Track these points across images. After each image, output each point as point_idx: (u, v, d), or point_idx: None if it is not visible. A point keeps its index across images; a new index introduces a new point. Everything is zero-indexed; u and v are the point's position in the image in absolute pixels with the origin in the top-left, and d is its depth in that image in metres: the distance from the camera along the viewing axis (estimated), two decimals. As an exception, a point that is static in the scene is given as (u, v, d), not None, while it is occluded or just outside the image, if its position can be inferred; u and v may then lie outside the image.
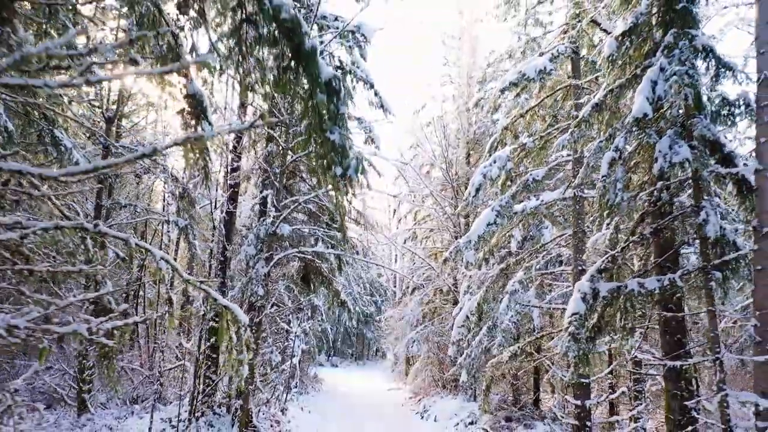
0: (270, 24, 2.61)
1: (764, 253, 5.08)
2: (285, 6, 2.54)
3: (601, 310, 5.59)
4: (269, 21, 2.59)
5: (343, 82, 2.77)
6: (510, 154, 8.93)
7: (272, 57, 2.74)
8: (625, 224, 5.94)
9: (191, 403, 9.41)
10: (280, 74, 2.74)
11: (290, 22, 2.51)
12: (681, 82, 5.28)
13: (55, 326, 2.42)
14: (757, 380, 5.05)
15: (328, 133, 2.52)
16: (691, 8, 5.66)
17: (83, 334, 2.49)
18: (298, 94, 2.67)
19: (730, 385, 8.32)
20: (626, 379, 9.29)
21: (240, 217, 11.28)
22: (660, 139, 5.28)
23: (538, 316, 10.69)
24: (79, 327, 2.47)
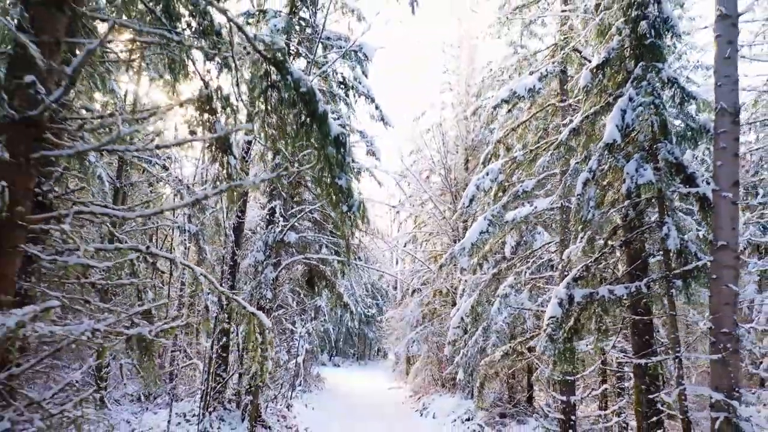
0: (291, 91, 3.35)
1: (719, 264, 5.81)
2: (303, 80, 3.29)
3: (577, 314, 6.33)
4: (291, 89, 3.34)
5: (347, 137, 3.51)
6: (501, 166, 9.67)
7: (292, 115, 3.49)
8: (600, 236, 6.67)
9: (204, 399, 10.18)
10: (298, 129, 3.48)
11: (307, 93, 3.26)
12: (648, 111, 6.02)
13: (125, 330, 3.17)
14: (712, 376, 5.79)
15: (337, 179, 3.26)
16: (658, 43, 6.39)
17: (145, 335, 3.24)
18: (313, 145, 3.42)
19: (703, 382, 9.07)
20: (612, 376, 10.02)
21: (246, 221, 12.03)
22: (627, 162, 6.02)
23: (530, 318, 11.43)
24: (143, 330, 3.21)
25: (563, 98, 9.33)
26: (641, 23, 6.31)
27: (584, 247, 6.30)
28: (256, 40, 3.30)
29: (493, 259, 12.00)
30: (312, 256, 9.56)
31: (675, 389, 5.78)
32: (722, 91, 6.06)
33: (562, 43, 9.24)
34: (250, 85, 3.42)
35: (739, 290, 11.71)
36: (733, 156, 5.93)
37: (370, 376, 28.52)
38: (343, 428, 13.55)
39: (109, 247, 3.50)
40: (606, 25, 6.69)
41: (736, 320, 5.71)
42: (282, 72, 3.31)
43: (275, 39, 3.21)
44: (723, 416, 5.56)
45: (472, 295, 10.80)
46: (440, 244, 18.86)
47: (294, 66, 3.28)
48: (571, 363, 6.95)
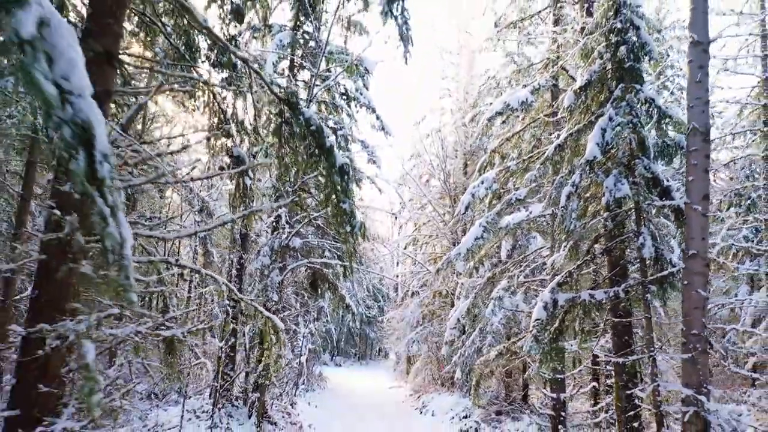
0: (302, 127, 3.96)
1: (690, 271, 6.40)
2: (313, 118, 3.89)
3: (561, 317, 6.93)
4: (302, 126, 3.94)
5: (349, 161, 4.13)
6: (496, 175, 10.27)
7: (302, 147, 4.09)
8: (583, 244, 7.26)
9: (213, 396, 10.80)
10: (308, 158, 4.09)
11: (317, 130, 3.86)
12: (626, 130, 6.62)
13: (163, 332, 3.77)
14: (683, 374, 6.38)
15: (341, 203, 3.86)
16: (637, 66, 6.98)
17: (179, 336, 3.84)
18: (321, 173, 4.03)
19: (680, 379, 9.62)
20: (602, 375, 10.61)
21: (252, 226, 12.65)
22: (607, 177, 6.61)
23: (524, 319, 12.03)
24: (176, 331, 3.81)
25: (555, 111, 9.91)
26: (621, 48, 6.91)
27: (567, 255, 6.89)
28: (273, 85, 3.91)
29: (490, 262, 12.59)
30: (316, 260, 10.18)
31: (649, 386, 6.38)
32: (694, 112, 6.65)
33: (553, 57, 9.82)
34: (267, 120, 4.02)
35: (734, 291, 12.29)
36: (703, 172, 6.52)
37: (372, 375, 29.14)
38: (344, 426, 14.16)
39: (143, 260, 4.11)
40: (589, 48, 7.29)
41: (704, 323, 6.30)
42: (295, 112, 3.92)
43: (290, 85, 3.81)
44: (692, 410, 6.15)
45: (468, 297, 11.41)
46: (440, 246, 19.47)
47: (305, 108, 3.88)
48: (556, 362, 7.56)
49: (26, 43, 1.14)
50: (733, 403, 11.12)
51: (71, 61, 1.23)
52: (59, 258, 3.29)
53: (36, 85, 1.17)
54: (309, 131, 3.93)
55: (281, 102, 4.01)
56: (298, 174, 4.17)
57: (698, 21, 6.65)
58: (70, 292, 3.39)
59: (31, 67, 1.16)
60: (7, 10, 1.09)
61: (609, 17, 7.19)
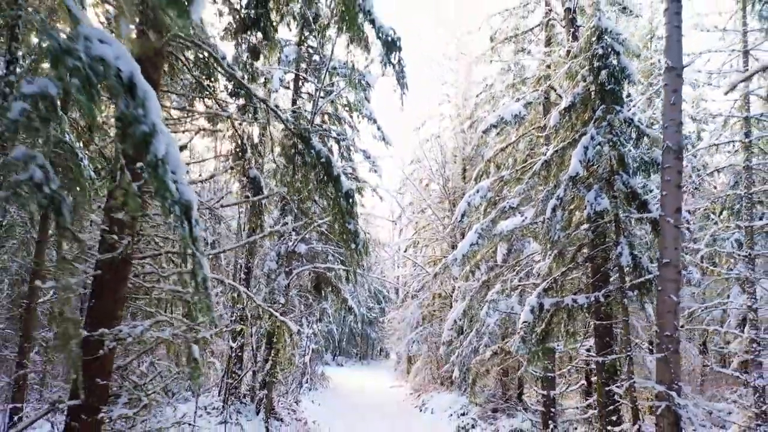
0: (313, 158, 4.65)
1: (663, 278, 7.08)
2: (323, 151, 4.58)
3: (548, 320, 7.62)
4: (313, 157, 4.63)
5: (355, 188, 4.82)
6: (491, 184, 10.94)
7: (313, 174, 4.78)
8: (567, 252, 7.94)
9: (222, 393, 11.51)
10: (317, 184, 4.78)
11: (326, 161, 4.55)
12: (606, 148, 7.30)
13: (192, 334, 4.46)
14: (656, 372, 7.06)
15: (347, 224, 4.54)
16: (617, 89, 7.66)
17: (206, 338, 4.53)
18: (329, 197, 4.72)
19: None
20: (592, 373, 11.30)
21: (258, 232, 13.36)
22: (588, 192, 7.30)
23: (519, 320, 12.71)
24: (206, 334, 4.49)
25: (546, 124, 10.59)
26: (602, 72, 7.59)
27: (553, 263, 7.58)
28: (287, 121, 4.59)
29: (486, 266, 13.28)
30: (320, 265, 10.87)
31: (626, 383, 7.07)
32: (668, 132, 7.32)
33: (544, 74, 10.49)
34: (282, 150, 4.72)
35: (727, 293, 12.92)
36: (676, 187, 7.20)
37: (373, 375, 29.85)
38: (347, 424, 14.87)
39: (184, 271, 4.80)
40: (573, 72, 7.96)
41: (676, 325, 6.98)
42: (306, 144, 4.61)
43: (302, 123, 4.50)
44: (664, 404, 6.84)
45: (464, 300, 12.09)
46: (439, 249, 20.15)
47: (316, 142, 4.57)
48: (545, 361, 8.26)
49: (160, 162, 1.81)
50: (724, 401, 11.81)
51: (178, 161, 1.89)
52: (113, 274, 3.99)
53: (165, 184, 1.84)
54: (319, 161, 4.62)
55: (294, 135, 4.70)
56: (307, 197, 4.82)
57: (672, 48, 7.32)
58: (122, 303, 4.09)
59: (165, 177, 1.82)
60: (147, 142, 1.75)
61: (592, 42, 7.86)
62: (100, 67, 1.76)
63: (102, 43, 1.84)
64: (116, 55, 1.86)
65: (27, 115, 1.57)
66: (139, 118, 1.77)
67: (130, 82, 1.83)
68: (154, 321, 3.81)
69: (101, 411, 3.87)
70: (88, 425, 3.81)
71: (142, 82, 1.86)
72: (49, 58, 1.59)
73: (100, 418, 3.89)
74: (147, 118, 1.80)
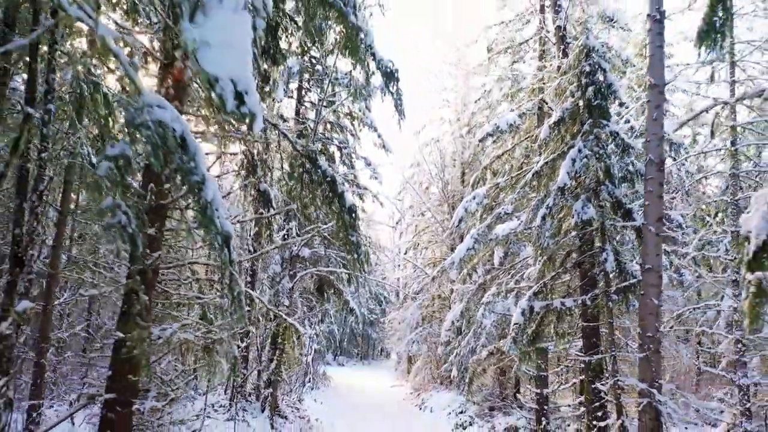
0: (319, 176, 5.19)
1: (646, 283, 7.60)
2: (328, 170, 5.12)
3: (538, 321, 8.16)
4: (319, 176, 5.17)
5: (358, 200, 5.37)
6: (486, 191, 11.47)
7: (319, 191, 5.32)
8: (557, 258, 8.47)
9: (227, 392, 12.06)
10: (323, 200, 5.32)
11: (332, 179, 5.09)
12: (592, 161, 7.84)
13: (212, 335, 5.01)
14: (639, 370, 7.59)
15: (350, 236, 5.08)
16: (603, 104, 8.19)
17: (225, 339, 5.07)
18: (333, 212, 5.26)
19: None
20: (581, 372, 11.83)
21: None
22: (576, 201, 7.83)
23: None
24: (224, 335, 5.03)
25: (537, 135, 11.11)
26: (589, 89, 8.11)
27: (543, 268, 8.11)
28: (297, 144, 5.13)
29: (483, 268, 13.81)
30: (323, 269, 11.42)
31: (610, 381, 7.60)
32: (651, 146, 7.84)
33: (538, 86, 11.02)
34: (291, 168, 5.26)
35: (721, 296, 13.44)
36: (658, 197, 7.72)
37: (374, 375, 30.40)
38: (348, 422, 15.42)
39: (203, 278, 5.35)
40: (563, 88, 8.50)
41: (657, 327, 7.51)
42: (314, 164, 5.15)
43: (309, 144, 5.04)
44: (646, 401, 7.37)
45: (462, 302, 12.63)
46: (439, 251, 20.70)
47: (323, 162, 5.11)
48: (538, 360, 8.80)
49: (209, 204, 2.34)
50: (718, 400, 12.33)
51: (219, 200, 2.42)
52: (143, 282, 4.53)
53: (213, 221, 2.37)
54: (325, 180, 5.16)
55: (302, 156, 5.24)
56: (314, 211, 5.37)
57: (655, 66, 7.83)
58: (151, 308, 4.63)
59: (213, 215, 2.35)
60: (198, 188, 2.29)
61: (580, 60, 8.39)
62: (160, 129, 2.29)
63: (160, 108, 2.37)
64: (171, 117, 2.39)
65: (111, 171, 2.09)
66: (192, 169, 2.30)
67: (182, 140, 2.35)
68: (180, 324, 4.36)
69: (134, 404, 4.41)
70: (123, 416, 4.35)
71: (192, 139, 2.39)
72: (127, 128, 2.11)
73: (133, 410, 4.43)
74: (198, 170, 2.32)
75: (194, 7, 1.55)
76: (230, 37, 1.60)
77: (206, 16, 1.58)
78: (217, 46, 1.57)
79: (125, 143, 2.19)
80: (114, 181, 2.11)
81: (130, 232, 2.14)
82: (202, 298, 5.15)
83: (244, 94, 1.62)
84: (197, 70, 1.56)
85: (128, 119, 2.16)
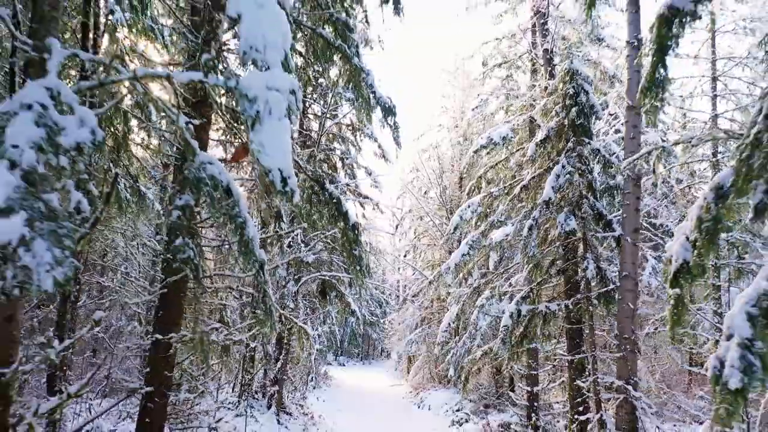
0: (327, 198, 5.99)
1: (623, 288, 8.40)
2: (335, 193, 5.91)
3: (526, 324, 8.95)
4: (327, 197, 5.97)
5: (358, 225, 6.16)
6: (481, 200, 12.26)
7: (326, 210, 6.12)
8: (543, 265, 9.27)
9: (235, 389, 12.87)
10: (329, 218, 6.12)
11: (337, 201, 5.88)
12: (575, 176, 8.63)
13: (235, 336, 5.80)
14: (617, 369, 8.39)
15: (353, 250, 5.87)
16: (586, 124, 8.97)
17: (243, 339, 5.85)
18: (340, 229, 6.05)
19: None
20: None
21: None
22: (559, 214, 8.62)
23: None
24: (243, 336, 5.82)
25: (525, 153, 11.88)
26: (572, 109, 8.90)
27: (529, 275, 8.91)
28: (306, 170, 5.92)
29: (479, 272, 14.60)
30: (326, 273, 12.20)
31: (590, 378, 8.40)
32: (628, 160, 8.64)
33: (529, 102, 11.81)
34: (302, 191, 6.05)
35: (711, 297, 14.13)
36: (634, 210, 8.52)
37: (374, 374, 31.21)
38: (349, 418, 16.22)
39: (221, 286, 6.15)
40: (548, 108, 9.29)
41: (633, 329, 8.30)
42: (322, 187, 5.95)
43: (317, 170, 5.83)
44: (622, 396, 8.17)
45: (457, 304, 13.43)
46: (438, 253, 21.49)
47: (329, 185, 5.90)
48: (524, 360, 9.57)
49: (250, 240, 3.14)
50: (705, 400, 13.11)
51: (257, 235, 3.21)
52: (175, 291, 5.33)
53: (253, 253, 3.16)
54: (331, 201, 5.96)
55: (311, 180, 6.03)
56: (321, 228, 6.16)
57: (632, 89, 8.62)
58: (182, 313, 5.44)
59: (253, 249, 3.15)
60: (242, 228, 3.10)
61: (565, 82, 9.17)
62: (213, 182, 3.08)
63: (210, 164, 3.16)
64: (219, 171, 3.18)
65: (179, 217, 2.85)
66: (237, 213, 3.07)
67: (228, 189, 3.13)
68: (210, 327, 5.16)
69: (169, 396, 5.22)
70: (161, 406, 5.16)
71: (235, 188, 3.16)
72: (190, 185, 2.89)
73: (168, 401, 5.23)
74: (241, 213, 3.09)
75: (254, 120, 2.33)
76: (277, 138, 2.36)
77: (261, 125, 2.35)
78: (269, 146, 2.34)
79: (189, 195, 2.97)
80: (182, 226, 2.88)
81: (195, 263, 2.92)
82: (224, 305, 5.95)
83: (288, 178, 2.37)
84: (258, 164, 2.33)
85: (191, 177, 2.96)
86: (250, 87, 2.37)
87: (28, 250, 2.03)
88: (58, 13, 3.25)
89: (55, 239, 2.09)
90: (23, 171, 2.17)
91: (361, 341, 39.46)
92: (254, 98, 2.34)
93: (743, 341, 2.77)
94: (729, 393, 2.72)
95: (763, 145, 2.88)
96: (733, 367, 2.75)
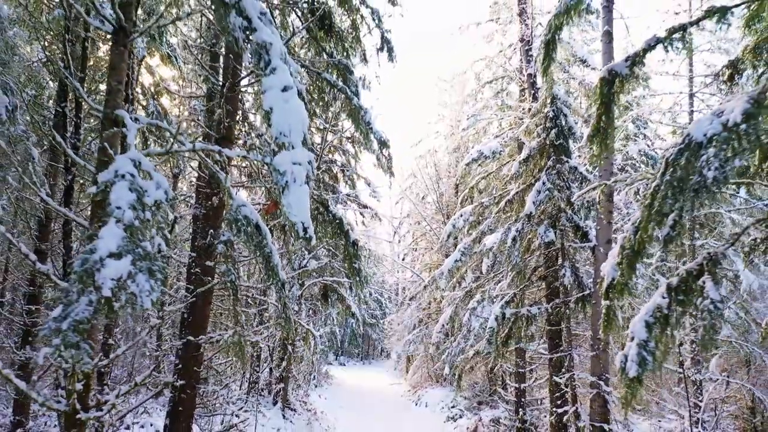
0: (330, 217, 7.02)
1: (597, 294, 9.42)
2: (338, 213, 6.94)
3: (510, 326, 9.99)
4: (330, 217, 7.00)
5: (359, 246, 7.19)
6: (472, 209, 13.30)
7: (330, 228, 7.15)
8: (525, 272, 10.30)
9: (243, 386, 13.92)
10: (333, 235, 7.16)
11: (340, 221, 6.91)
12: (554, 192, 9.66)
13: (248, 338, 6.82)
14: (591, 366, 9.42)
15: (354, 264, 6.90)
16: (565, 144, 10.00)
17: (259, 340, 6.88)
18: (341, 245, 7.08)
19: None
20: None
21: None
22: (539, 227, 9.65)
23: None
24: (258, 337, 6.83)
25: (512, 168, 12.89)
26: (552, 131, 9.92)
27: (512, 282, 9.95)
28: (312, 194, 6.95)
29: (473, 275, 15.65)
30: (328, 278, 13.24)
31: (566, 375, 9.44)
32: (602, 179, 9.66)
33: (518, 120, 12.82)
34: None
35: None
36: (607, 223, 9.54)
37: (374, 374, 32.28)
38: (349, 415, 17.28)
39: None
40: (531, 129, 10.31)
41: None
42: (326, 208, 6.98)
43: (322, 193, 6.87)
44: (596, 391, 9.20)
45: (451, 306, 14.47)
46: (435, 256, 22.52)
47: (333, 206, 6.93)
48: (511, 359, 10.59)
49: (276, 266, 4.13)
50: (674, 395, 14.14)
51: (278, 259, 4.22)
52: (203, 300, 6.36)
53: (278, 276, 4.15)
54: (334, 220, 6.99)
55: (316, 202, 7.07)
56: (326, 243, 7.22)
57: (606, 114, 9.64)
58: (208, 318, 6.48)
59: (278, 272, 4.14)
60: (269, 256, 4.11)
61: (547, 104, 10.20)
62: (245, 220, 4.11)
63: (244, 207, 4.19)
64: (250, 211, 4.21)
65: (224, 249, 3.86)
66: (266, 245, 4.08)
67: (257, 226, 4.16)
68: (233, 330, 6.19)
69: (198, 389, 6.25)
70: (191, 397, 6.20)
71: (262, 224, 4.17)
72: (229, 222, 3.91)
73: (197, 393, 6.27)
74: (268, 245, 4.10)
75: (284, 188, 3.34)
76: (300, 200, 3.36)
77: (289, 190, 3.36)
78: (294, 205, 3.34)
79: (230, 232, 3.98)
80: (227, 255, 3.89)
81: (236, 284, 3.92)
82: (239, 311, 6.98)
83: (308, 228, 3.38)
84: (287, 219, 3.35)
85: (230, 218, 3.99)
86: (281, 163, 3.40)
87: (133, 281, 3.04)
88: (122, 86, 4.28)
89: (150, 273, 3.10)
90: (125, 225, 3.18)
91: (361, 341, 40.54)
92: (284, 172, 3.37)
93: (640, 342, 3.81)
94: (629, 380, 3.76)
95: (658, 195, 3.91)
96: (632, 361, 3.79)
